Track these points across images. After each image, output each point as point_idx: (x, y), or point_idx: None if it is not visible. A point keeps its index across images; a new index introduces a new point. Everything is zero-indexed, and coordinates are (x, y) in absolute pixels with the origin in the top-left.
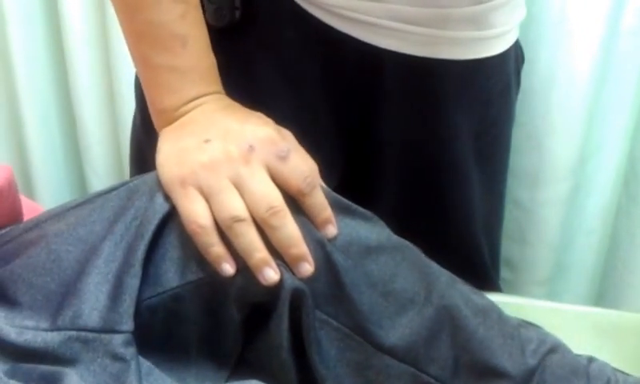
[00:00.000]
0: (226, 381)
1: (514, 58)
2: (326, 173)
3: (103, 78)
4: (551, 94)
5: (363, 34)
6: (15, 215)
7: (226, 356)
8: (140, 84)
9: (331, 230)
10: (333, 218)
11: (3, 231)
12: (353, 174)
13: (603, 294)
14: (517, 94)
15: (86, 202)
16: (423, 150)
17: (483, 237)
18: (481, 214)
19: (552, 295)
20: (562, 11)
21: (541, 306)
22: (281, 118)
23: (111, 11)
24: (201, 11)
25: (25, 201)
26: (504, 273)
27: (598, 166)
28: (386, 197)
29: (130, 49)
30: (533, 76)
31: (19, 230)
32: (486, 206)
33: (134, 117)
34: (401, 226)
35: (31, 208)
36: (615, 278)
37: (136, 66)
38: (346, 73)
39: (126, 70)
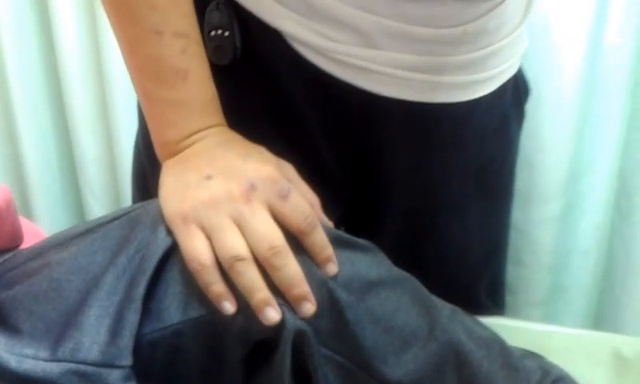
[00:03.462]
0: None
1: (513, 89)
2: (328, 206)
3: (98, 95)
4: (539, 112)
5: (362, 81)
6: (15, 236)
7: None
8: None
9: (332, 268)
10: (334, 256)
11: (6, 257)
12: (354, 209)
13: (601, 315)
14: (519, 125)
15: (89, 231)
16: (421, 189)
17: (483, 268)
18: (481, 246)
19: (549, 317)
20: (545, 30)
21: (538, 330)
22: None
23: (105, 30)
24: (202, 44)
25: (24, 221)
26: None
27: (589, 184)
28: (385, 231)
29: (132, 81)
30: None
31: (23, 258)
32: (488, 237)
33: (136, 139)
34: (399, 258)
35: (30, 229)
36: (612, 300)
37: (139, 97)
38: (344, 118)
39: (121, 88)
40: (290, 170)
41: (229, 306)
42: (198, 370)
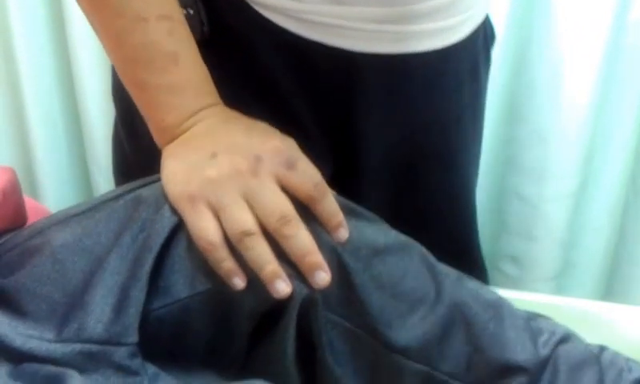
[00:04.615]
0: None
1: (483, 36)
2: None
3: (107, 73)
4: (558, 89)
5: (333, 39)
6: (19, 217)
7: (231, 364)
8: (119, 94)
9: (343, 234)
10: (344, 222)
11: (6, 237)
12: (340, 175)
13: (611, 290)
14: (487, 73)
15: (91, 209)
16: (406, 142)
17: (475, 220)
18: (470, 196)
19: (559, 291)
20: (569, 6)
21: (548, 302)
22: None
23: None
24: (186, 25)
25: (29, 202)
26: (511, 269)
27: (604, 162)
28: (374, 195)
29: (121, 74)
30: (539, 71)
31: (23, 237)
32: (473, 187)
33: (115, 131)
34: (392, 218)
35: (36, 210)
36: (623, 274)
37: (128, 88)
38: (320, 79)
39: None
40: (293, 144)
41: (239, 282)
42: (205, 345)
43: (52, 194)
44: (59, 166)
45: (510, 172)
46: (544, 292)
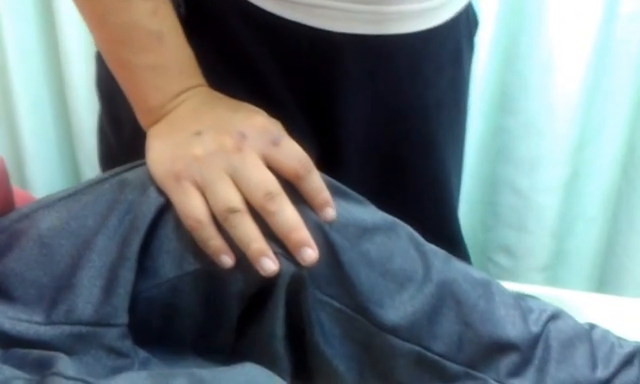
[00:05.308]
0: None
1: (466, 21)
2: None
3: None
4: (549, 80)
5: (313, 19)
6: (8, 206)
7: (222, 347)
8: (103, 84)
9: (330, 213)
10: (331, 200)
11: None
12: (322, 158)
13: (603, 280)
14: (470, 59)
15: (77, 192)
16: (385, 125)
17: (457, 204)
18: (452, 181)
19: (552, 282)
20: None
21: (540, 293)
22: None
23: None
24: (171, 5)
25: (18, 192)
26: (503, 260)
27: (596, 152)
28: (355, 177)
29: (104, 54)
30: (532, 61)
31: (9, 221)
32: (456, 172)
33: (99, 121)
34: (375, 200)
35: (25, 200)
36: (615, 265)
37: (113, 69)
38: (300, 60)
39: None
40: (277, 123)
41: (227, 260)
42: (194, 328)
43: (40, 183)
44: (48, 156)
45: (502, 163)
46: (536, 283)
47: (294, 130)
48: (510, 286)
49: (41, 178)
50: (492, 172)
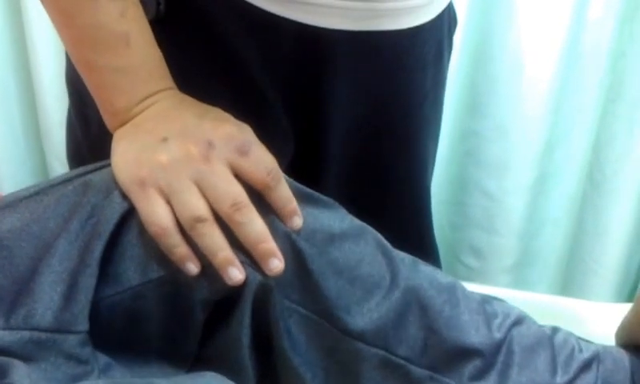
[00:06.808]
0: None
1: (447, 19)
2: (277, 157)
3: (64, 59)
4: (518, 83)
5: (302, 15)
6: None
7: (187, 354)
8: (72, 80)
9: (297, 222)
10: (298, 210)
11: None
12: (301, 154)
13: (569, 281)
14: (449, 58)
15: (40, 192)
16: (368, 120)
17: (430, 204)
18: (427, 182)
19: (519, 283)
20: (530, 3)
21: (507, 295)
22: (223, 110)
23: None
24: (140, 7)
25: None
26: (471, 261)
27: (563, 155)
28: (335, 174)
29: (71, 54)
30: (500, 66)
31: None
32: (431, 172)
33: (68, 113)
34: (352, 203)
35: None
36: (581, 267)
37: (80, 70)
38: (285, 56)
39: None
40: (248, 130)
41: (193, 267)
42: (159, 334)
43: (8, 180)
44: (16, 152)
45: (471, 165)
46: (504, 283)
47: (274, 125)
48: (478, 288)
49: (8, 173)
50: (461, 174)
